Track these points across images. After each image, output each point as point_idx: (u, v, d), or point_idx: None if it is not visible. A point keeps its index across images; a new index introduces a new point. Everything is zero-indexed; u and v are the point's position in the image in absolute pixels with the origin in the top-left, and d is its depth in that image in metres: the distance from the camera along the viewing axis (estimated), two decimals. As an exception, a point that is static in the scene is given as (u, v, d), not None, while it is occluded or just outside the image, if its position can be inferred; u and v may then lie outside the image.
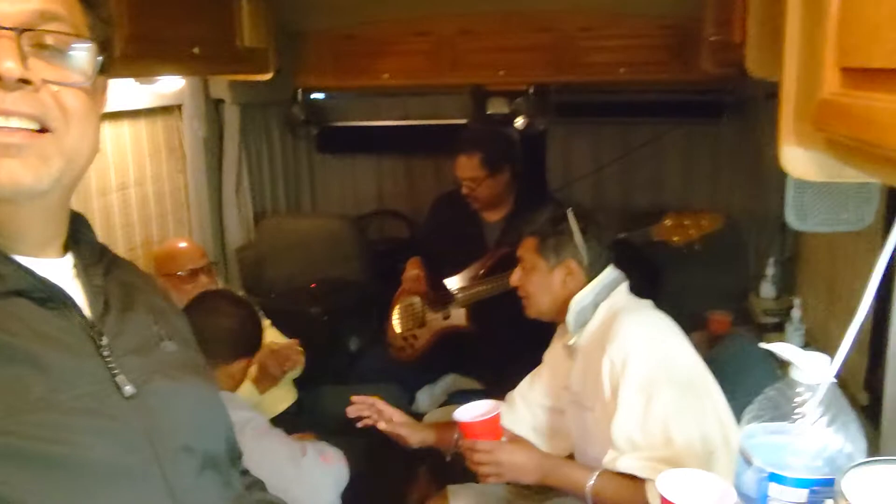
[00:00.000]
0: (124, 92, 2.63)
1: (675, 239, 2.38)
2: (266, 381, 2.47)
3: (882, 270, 1.00)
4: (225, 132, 3.34)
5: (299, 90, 3.72)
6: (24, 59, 0.74)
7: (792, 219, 1.27)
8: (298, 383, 2.75)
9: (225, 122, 3.32)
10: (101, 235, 2.72)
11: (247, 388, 2.59)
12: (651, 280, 2.35)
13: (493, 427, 1.76)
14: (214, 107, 3.29)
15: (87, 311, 0.85)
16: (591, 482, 1.62)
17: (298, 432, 2.45)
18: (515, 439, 1.78)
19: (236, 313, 2.02)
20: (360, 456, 2.64)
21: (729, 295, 3.09)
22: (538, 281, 1.89)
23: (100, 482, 0.76)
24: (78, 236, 0.91)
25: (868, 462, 0.92)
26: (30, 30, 0.75)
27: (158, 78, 2.68)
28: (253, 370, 2.56)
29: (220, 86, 3.22)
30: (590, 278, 1.84)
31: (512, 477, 1.73)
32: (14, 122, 0.74)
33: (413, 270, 3.00)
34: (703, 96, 3.36)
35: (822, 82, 0.85)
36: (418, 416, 2.90)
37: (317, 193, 4.09)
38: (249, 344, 1.99)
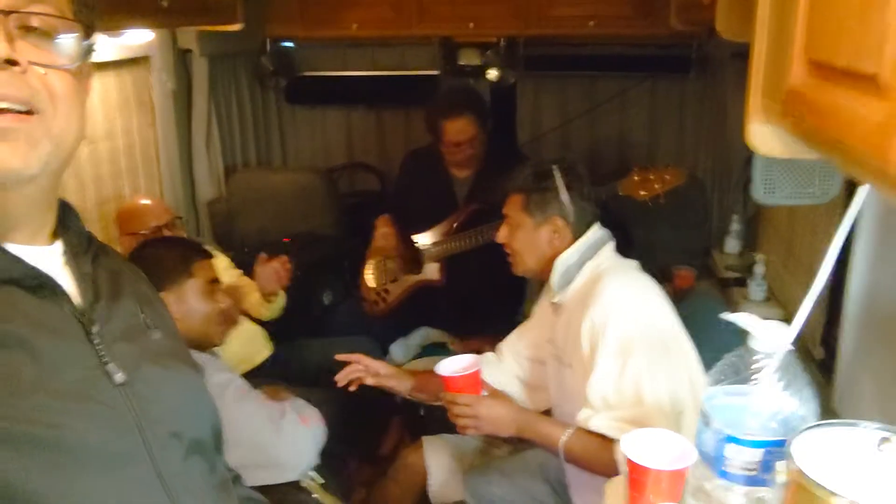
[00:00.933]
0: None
1: (642, 193, 2.44)
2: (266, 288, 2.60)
3: (839, 245, 1.06)
4: (193, 84, 3.29)
5: (267, 40, 3.67)
6: (10, 40, 0.74)
7: (760, 193, 1.33)
8: (274, 336, 2.79)
9: (193, 73, 3.27)
10: (71, 190, 2.71)
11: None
12: (619, 236, 2.40)
13: (473, 382, 1.81)
14: (182, 58, 3.24)
15: (77, 299, 0.85)
16: (564, 438, 1.69)
17: (274, 384, 2.50)
18: (494, 394, 1.84)
19: (161, 243, 2.05)
20: (334, 407, 2.71)
21: (693, 251, 3.18)
22: (524, 238, 1.90)
23: (91, 466, 0.77)
24: (66, 223, 0.91)
25: (818, 425, 0.99)
26: (16, 12, 0.75)
27: (125, 31, 2.63)
28: (254, 298, 2.65)
29: (188, 37, 3.16)
30: (576, 236, 1.85)
31: (489, 430, 1.80)
32: (2, 105, 0.74)
33: (384, 228, 3.03)
34: (670, 51, 3.40)
35: (790, 71, 0.89)
36: (394, 368, 2.97)
37: (287, 146, 4.07)
38: (181, 263, 1.95)
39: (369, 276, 3.06)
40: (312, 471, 1.99)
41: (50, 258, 0.86)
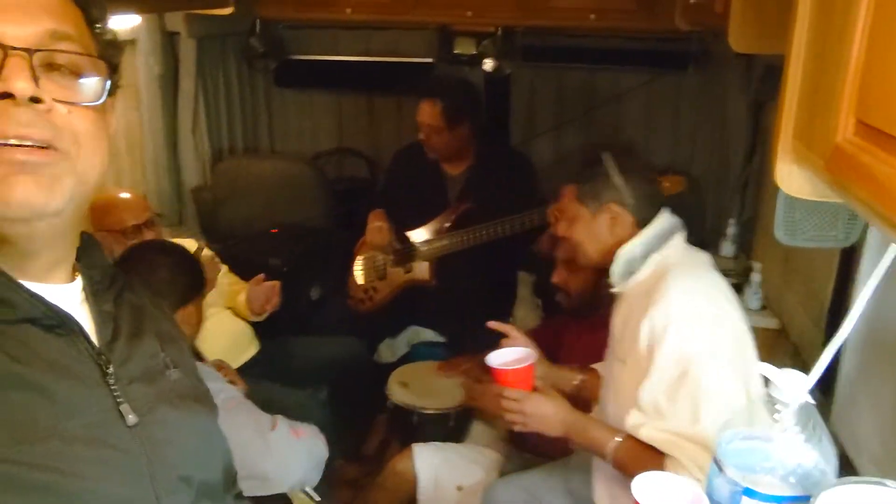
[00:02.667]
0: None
1: None
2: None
3: (868, 296, 1.02)
4: (181, 67, 3.19)
5: (258, 21, 3.56)
6: (36, 78, 0.74)
7: (781, 234, 1.28)
8: (260, 333, 2.73)
9: (181, 56, 3.17)
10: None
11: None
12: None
13: (525, 377, 1.73)
14: (170, 41, 3.13)
15: (94, 338, 0.85)
16: (613, 445, 1.61)
17: (262, 383, 2.46)
18: (545, 390, 1.74)
19: (166, 263, 1.94)
20: (320, 405, 2.67)
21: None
22: (583, 230, 1.79)
23: None
24: (89, 260, 0.90)
25: (844, 482, 0.95)
26: (41, 50, 0.75)
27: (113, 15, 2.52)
28: (241, 298, 2.60)
29: (175, 18, 3.06)
30: (640, 222, 1.73)
31: (536, 428, 1.72)
32: (27, 144, 0.74)
33: (376, 222, 2.96)
34: (669, 46, 3.33)
35: (836, 127, 0.84)
36: (381, 367, 2.94)
37: (275, 130, 3.97)
38: (189, 287, 1.91)
39: (358, 273, 3.01)
40: (310, 489, 1.94)
41: (69, 296, 0.86)
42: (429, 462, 2.23)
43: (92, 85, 0.80)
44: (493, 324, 1.97)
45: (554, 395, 1.73)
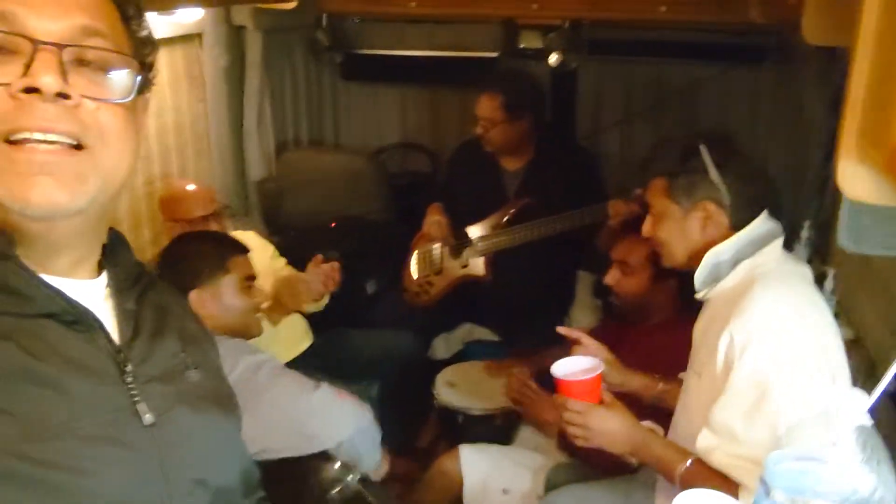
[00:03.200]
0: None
1: None
2: (278, 310, 2.43)
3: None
4: (247, 60, 3.23)
5: (324, 15, 3.57)
6: (64, 74, 0.74)
7: (845, 240, 1.18)
8: (314, 326, 2.74)
9: (247, 49, 3.21)
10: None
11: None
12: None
13: (591, 389, 1.63)
14: (236, 33, 3.17)
15: (115, 335, 0.84)
16: (682, 469, 1.51)
17: (314, 375, 2.46)
18: (613, 403, 1.63)
19: (195, 239, 2.03)
20: (370, 401, 2.66)
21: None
22: (672, 228, 1.65)
23: None
24: (116, 256, 0.90)
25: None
26: (71, 45, 0.75)
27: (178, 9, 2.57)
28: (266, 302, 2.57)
29: (242, 12, 3.09)
30: (735, 224, 1.59)
31: (600, 443, 1.62)
32: (52, 137, 0.74)
33: (434, 216, 2.94)
34: (744, 39, 3.19)
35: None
36: (434, 363, 2.91)
37: (339, 123, 3.99)
38: (217, 259, 1.94)
39: (414, 266, 2.99)
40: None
41: (92, 292, 0.86)
42: (475, 464, 2.20)
43: (121, 82, 0.80)
44: (563, 330, 1.88)
45: (620, 410, 1.62)
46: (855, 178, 1.00)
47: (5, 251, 0.76)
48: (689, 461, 1.50)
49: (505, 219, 2.80)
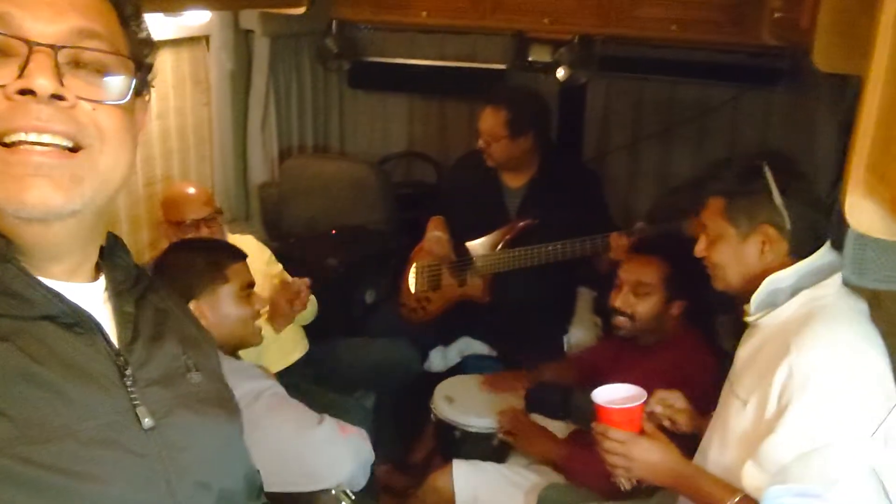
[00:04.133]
0: (150, 22, 2.52)
1: None
2: (279, 318, 2.41)
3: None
4: (253, 64, 3.21)
5: (334, 22, 3.56)
6: (60, 76, 0.74)
7: (849, 273, 1.16)
8: (310, 334, 2.71)
9: (254, 53, 3.19)
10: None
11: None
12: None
13: (632, 418, 1.58)
14: (244, 38, 3.16)
15: (114, 339, 0.84)
16: None
17: (308, 385, 2.43)
18: (654, 434, 1.58)
19: (191, 247, 1.98)
20: (365, 411, 2.64)
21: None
22: (727, 251, 1.60)
23: None
24: (114, 259, 0.90)
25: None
26: (66, 47, 0.75)
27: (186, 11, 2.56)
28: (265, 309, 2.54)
29: (250, 16, 3.08)
30: (795, 251, 1.53)
31: (641, 475, 1.58)
32: (46, 138, 0.73)
33: (435, 231, 2.91)
34: (759, 61, 3.15)
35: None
36: (431, 376, 2.88)
37: (345, 131, 3.97)
38: (215, 268, 1.90)
39: (412, 281, 2.95)
40: (348, 490, 1.85)
41: (90, 295, 0.86)
42: (468, 480, 2.17)
43: (117, 83, 0.79)
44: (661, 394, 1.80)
45: (663, 441, 1.57)
46: (861, 211, 0.98)
47: (4, 254, 0.76)
48: (737, 497, 1.43)
49: (505, 238, 2.76)
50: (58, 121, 0.74)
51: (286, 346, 2.58)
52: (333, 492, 1.83)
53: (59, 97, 0.73)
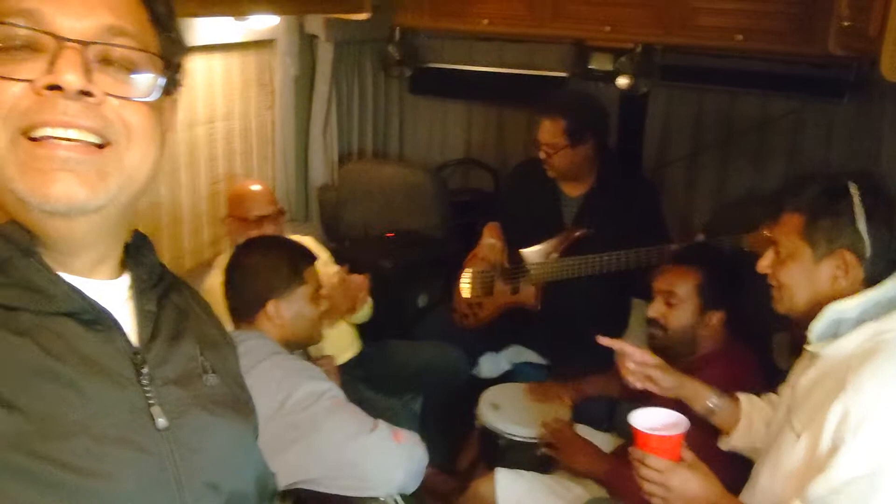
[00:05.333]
0: (218, 26, 2.61)
1: None
2: (334, 315, 2.44)
3: None
4: (317, 69, 3.29)
5: (397, 28, 3.62)
6: (88, 72, 0.74)
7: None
8: (362, 335, 2.76)
9: (318, 59, 3.27)
10: (185, 168, 2.80)
11: None
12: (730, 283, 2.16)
13: (672, 446, 1.52)
14: (308, 43, 3.24)
15: (133, 337, 0.84)
16: None
17: (356, 385, 2.46)
18: (695, 465, 1.52)
19: (274, 246, 2.02)
20: (412, 414, 2.66)
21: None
22: (798, 272, 1.51)
23: None
24: (139, 257, 0.90)
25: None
26: (96, 43, 0.75)
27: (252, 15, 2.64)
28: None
29: (315, 22, 3.16)
30: (868, 280, 1.44)
31: None
32: (73, 134, 0.74)
33: (490, 239, 2.91)
34: (823, 72, 3.07)
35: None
36: (480, 382, 2.89)
37: (405, 136, 4.02)
38: (295, 270, 1.95)
39: (465, 285, 2.97)
40: (397, 495, 1.86)
41: (112, 292, 0.85)
42: (511, 489, 2.15)
43: (146, 81, 0.80)
44: (604, 340, 1.84)
45: (704, 471, 1.51)
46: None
47: (28, 248, 0.76)
48: None
49: (561, 247, 2.75)
50: (85, 116, 0.74)
51: (340, 344, 2.63)
52: (383, 498, 1.85)
53: (87, 93, 0.74)
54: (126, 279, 0.88)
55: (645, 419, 1.54)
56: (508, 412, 2.54)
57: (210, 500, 0.85)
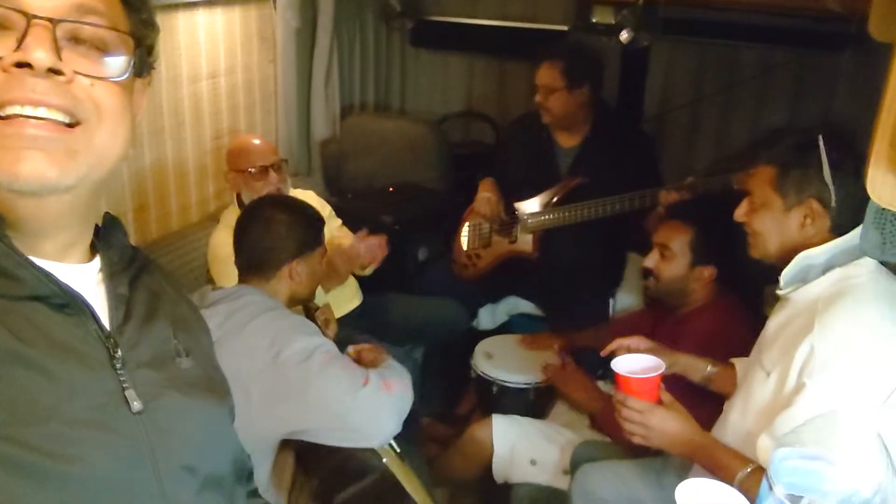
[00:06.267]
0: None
1: None
2: (332, 279, 2.49)
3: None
4: (318, 22, 3.28)
5: (398, -21, 3.60)
6: (57, 49, 0.73)
7: (867, 245, 1.17)
8: (364, 288, 2.82)
9: (319, 12, 3.26)
10: (189, 123, 2.81)
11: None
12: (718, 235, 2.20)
13: (650, 388, 1.62)
14: (310, -5, 3.23)
15: (106, 320, 0.83)
16: (742, 476, 1.45)
17: (359, 336, 2.53)
18: (672, 405, 1.61)
19: (292, 209, 2.01)
20: (414, 363, 2.73)
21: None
22: (769, 220, 1.60)
23: (98, 498, 0.76)
24: (109, 240, 0.89)
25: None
26: (65, 20, 0.74)
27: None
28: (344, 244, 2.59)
29: (316, -25, 3.15)
30: (836, 228, 1.53)
31: (658, 444, 1.62)
32: (42, 112, 0.73)
33: (485, 193, 2.96)
34: (823, 25, 3.06)
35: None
36: (478, 334, 2.96)
37: (406, 89, 4.02)
38: (317, 233, 1.99)
39: (463, 238, 3.03)
40: (392, 441, 1.94)
41: (84, 276, 0.84)
42: (506, 433, 2.26)
43: (116, 61, 0.79)
44: (610, 349, 1.89)
45: (680, 412, 1.61)
46: (883, 185, 1.00)
47: None
48: (748, 468, 1.45)
49: (556, 197, 2.80)
50: (54, 95, 0.73)
51: (342, 296, 2.69)
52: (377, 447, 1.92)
53: (57, 71, 0.72)
54: (97, 262, 0.87)
55: (626, 364, 1.65)
56: (501, 361, 2.64)
57: (186, 482, 0.85)
